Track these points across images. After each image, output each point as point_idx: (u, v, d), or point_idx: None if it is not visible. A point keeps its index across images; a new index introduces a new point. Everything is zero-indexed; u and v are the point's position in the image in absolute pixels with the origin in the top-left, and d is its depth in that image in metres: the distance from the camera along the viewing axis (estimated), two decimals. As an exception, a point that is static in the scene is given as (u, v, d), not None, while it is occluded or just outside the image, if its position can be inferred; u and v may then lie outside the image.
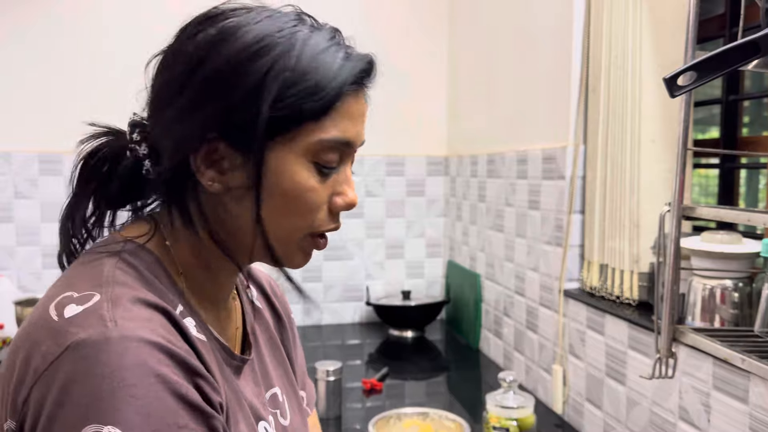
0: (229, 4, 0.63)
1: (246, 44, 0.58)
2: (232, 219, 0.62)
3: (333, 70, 0.59)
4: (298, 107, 0.58)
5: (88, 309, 0.52)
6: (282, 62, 0.58)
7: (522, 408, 1.32)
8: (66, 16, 2.20)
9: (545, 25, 1.66)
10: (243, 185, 0.59)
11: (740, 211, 0.90)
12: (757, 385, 0.97)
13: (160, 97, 0.62)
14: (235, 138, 0.58)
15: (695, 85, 0.77)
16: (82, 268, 0.58)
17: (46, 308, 0.53)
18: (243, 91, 0.57)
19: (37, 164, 2.21)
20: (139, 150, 0.62)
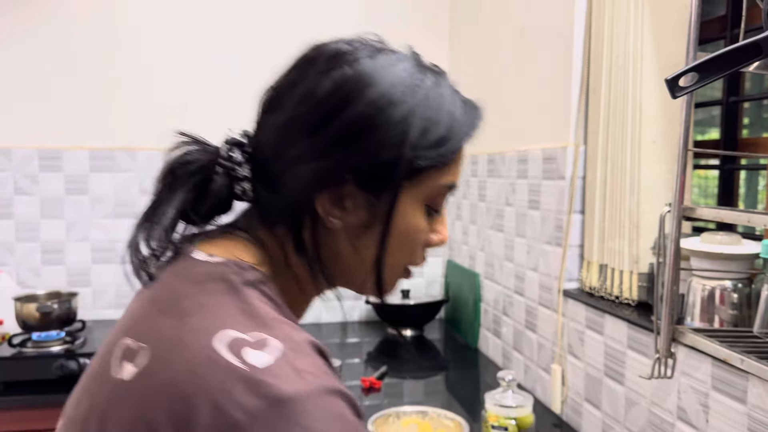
0: (356, 42, 0.64)
1: (385, 90, 0.60)
2: (344, 253, 0.64)
3: (458, 119, 0.63)
4: (431, 155, 0.61)
5: (278, 359, 0.51)
6: (418, 110, 0.60)
7: (521, 407, 1.33)
8: (65, 13, 2.20)
9: (546, 26, 1.66)
10: (362, 224, 0.62)
11: (740, 212, 0.90)
12: (756, 386, 0.97)
13: (287, 130, 0.62)
14: (366, 180, 0.60)
15: (697, 87, 0.77)
16: (224, 300, 0.56)
17: (209, 347, 0.51)
18: (382, 137, 0.59)
19: (36, 160, 2.21)
20: (239, 171, 0.63)
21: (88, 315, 2.21)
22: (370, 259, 0.63)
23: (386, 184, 0.60)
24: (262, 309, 0.56)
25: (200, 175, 0.63)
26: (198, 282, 0.58)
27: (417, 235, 0.65)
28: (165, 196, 0.63)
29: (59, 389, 1.77)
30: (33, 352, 1.82)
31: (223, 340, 0.51)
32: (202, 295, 0.56)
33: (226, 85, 2.30)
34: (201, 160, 0.63)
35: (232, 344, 0.51)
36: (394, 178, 0.60)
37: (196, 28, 2.28)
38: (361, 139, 0.59)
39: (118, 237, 2.27)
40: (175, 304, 0.56)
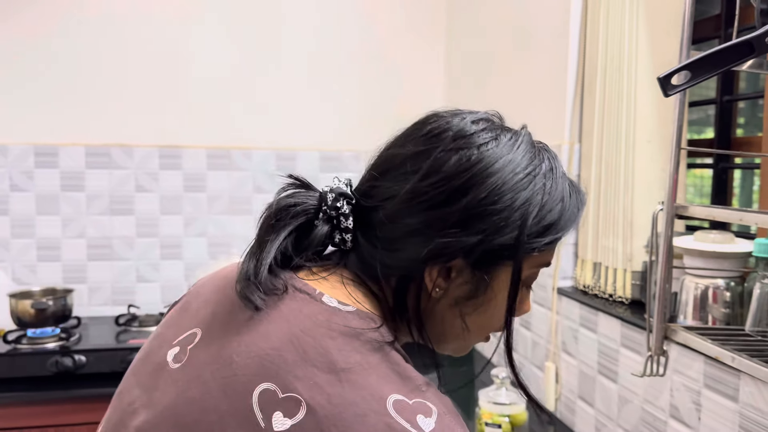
0: (481, 122, 0.67)
1: (506, 178, 0.62)
2: (438, 319, 0.67)
3: (566, 208, 0.65)
4: (542, 240, 0.64)
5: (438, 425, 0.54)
6: (535, 198, 0.63)
7: (514, 404, 1.33)
8: (62, 9, 2.19)
9: (542, 25, 1.66)
10: (464, 296, 0.65)
11: (732, 210, 0.91)
12: (748, 384, 0.98)
13: (406, 200, 0.63)
14: (477, 259, 0.62)
15: (689, 85, 0.78)
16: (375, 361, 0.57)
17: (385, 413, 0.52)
18: (499, 222, 0.61)
19: (32, 157, 2.20)
20: (344, 221, 0.65)
21: (83, 312, 2.21)
22: (471, 328, 0.67)
23: (496, 263, 0.64)
24: (410, 371, 0.58)
25: (303, 218, 0.65)
26: (343, 334, 0.57)
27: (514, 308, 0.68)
28: (268, 236, 0.64)
29: (54, 386, 1.77)
30: (28, 348, 1.82)
31: (392, 405, 0.53)
32: (354, 352, 0.56)
33: (223, 82, 2.30)
34: (306, 204, 0.66)
35: (399, 408, 0.53)
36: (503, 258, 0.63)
37: (193, 25, 2.28)
38: (480, 222, 0.61)
39: (114, 234, 2.27)
40: (324, 356, 0.55)
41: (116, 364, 1.81)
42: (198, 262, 2.28)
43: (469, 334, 0.68)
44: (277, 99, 2.33)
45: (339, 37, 2.36)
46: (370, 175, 0.67)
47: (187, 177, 2.30)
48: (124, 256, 2.28)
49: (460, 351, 0.73)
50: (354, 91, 2.38)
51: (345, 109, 2.38)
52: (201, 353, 0.60)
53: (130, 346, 1.85)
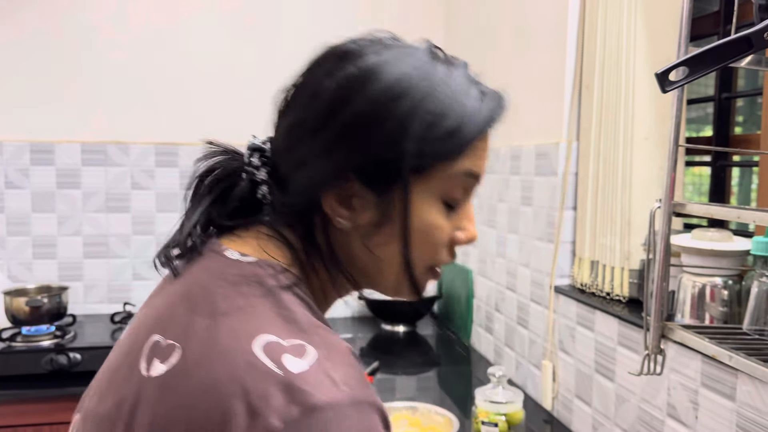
0: (365, 40, 0.63)
1: (387, 86, 0.58)
2: (359, 254, 0.63)
3: (471, 110, 0.60)
4: (437, 149, 0.59)
5: (314, 366, 0.51)
6: (423, 104, 0.58)
7: (511, 403, 1.32)
8: (58, 7, 2.18)
9: (540, 22, 1.65)
10: (371, 223, 0.61)
11: (730, 208, 0.90)
12: (745, 383, 0.97)
13: (293, 132, 0.62)
14: (371, 178, 0.59)
15: (687, 81, 0.77)
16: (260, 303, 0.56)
17: (248, 351, 0.51)
18: (385, 133, 0.58)
19: (28, 154, 2.19)
20: (257, 174, 0.63)
21: (79, 309, 2.20)
22: (390, 259, 0.62)
23: (392, 181, 0.59)
24: (299, 313, 0.56)
25: (227, 181, 0.65)
26: (233, 283, 0.57)
27: (435, 232, 0.62)
28: (195, 205, 0.64)
29: (49, 384, 1.76)
30: (22, 346, 1.81)
31: (262, 345, 0.51)
32: (238, 297, 0.56)
33: (220, 79, 2.29)
34: (228, 167, 0.65)
35: (269, 349, 0.51)
36: (400, 174, 0.59)
37: (190, 22, 2.27)
38: (362, 137, 0.58)
39: (110, 231, 2.26)
40: (210, 303, 0.56)
41: (111, 362, 1.80)
42: (194, 259, 2.27)
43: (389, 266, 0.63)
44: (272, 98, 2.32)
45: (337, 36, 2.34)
46: (274, 121, 0.66)
47: (183, 174, 2.29)
48: (120, 253, 2.27)
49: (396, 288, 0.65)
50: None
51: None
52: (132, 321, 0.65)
53: (125, 344, 1.84)
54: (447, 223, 0.63)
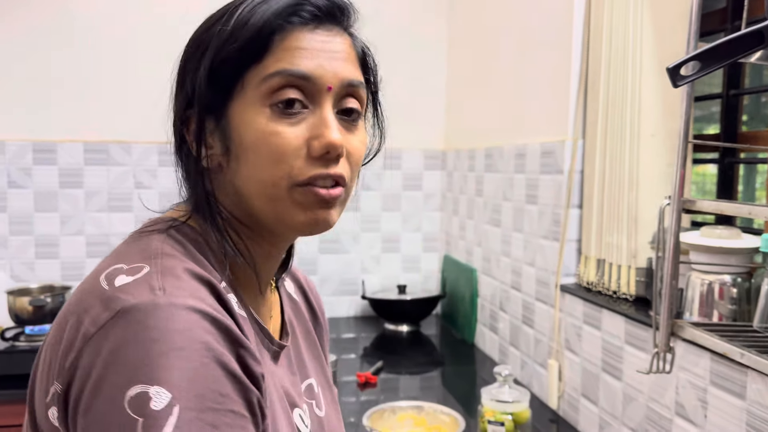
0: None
1: (202, 26, 0.65)
2: (230, 189, 0.63)
3: (261, 11, 0.60)
4: (235, 55, 0.59)
5: (138, 279, 0.54)
6: (220, 23, 0.61)
7: (517, 402, 1.32)
8: (59, 7, 2.18)
9: (545, 18, 1.65)
10: (222, 153, 0.61)
11: (741, 204, 0.89)
12: (755, 381, 0.96)
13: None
14: (200, 108, 0.61)
15: (698, 75, 0.76)
16: (131, 245, 0.60)
17: (96, 279, 0.56)
18: (195, 60, 0.62)
19: (31, 153, 2.19)
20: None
21: (82, 309, 2.19)
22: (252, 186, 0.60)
23: (217, 104, 0.61)
24: (154, 246, 0.58)
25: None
26: (126, 239, 0.63)
27: (270, 140, 0.58)
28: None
29: (52, 383, 1.76)
30: (26, 345, 1.81)
31: (107, 272, 0.56)
32: (119, 246, 0.62)
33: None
34: None
35: (109, 273, 0.56)
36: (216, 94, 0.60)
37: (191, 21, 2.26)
38: (186, 71, 0.63)
39: (112, 231, 2.26)
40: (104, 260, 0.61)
41: (115, 362, 1.79)
42: (197, 259, 2.26)
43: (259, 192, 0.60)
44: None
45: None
46: None
47: (186, 174, 2.28)
48: (123, 253, 2.26)
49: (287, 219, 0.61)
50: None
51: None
52: None
53: (128, 344, 1.84)
54: (289, 130, 0.59)
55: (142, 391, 0.48)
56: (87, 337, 0.51)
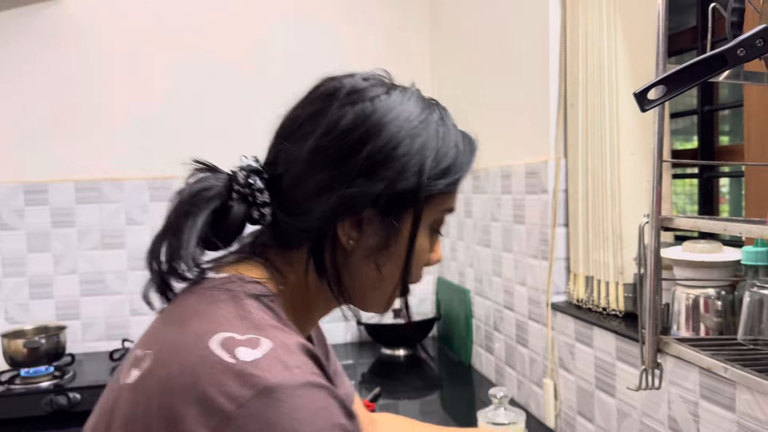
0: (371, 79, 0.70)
1: (401, 126, 0.66)
2: (358, 272, 0.69)
3: (461, 152, 0.70)
4: (441, 184, 0.68)
5: (267, 354, 0.54)
6: (430, 143, 0.67)
7: (513, 424, 1.32)
8: (49, 45, 2.20)
9: (523, 43, 1.68)
10: (375, 245, 0.68)
11: (718, 220, 0.91)
12: (744, 393, 0.97)
13: (310, 160, 0.66)
14: (384, 206, 0.66)
15: (665, 99, 0.78)
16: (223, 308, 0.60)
17: (204, 346, 0.55)
18: (401, 167, 0.65)
19: (22, 195, 2.20)
20: (259, 197, 0.66)
21: (77, 348, 2.19)
22: (386, 278, 0.69)
23: (401, 209, 0.67)
24: (258, 315, 0.60)
25: (217, 201, 0.67)
26: (201, 294, 0.63)
27: (422, 255, 0.71)
28: (184, 223, 0.65)
29: (50, 425, 1.75)
30: (21, 388, 1.80)
31: (217, 340, 0.55)
32: (203, 304, 0.61)
33: (210, 113, 2.31)
34: (217, 186, 0.67)
35: (224, 343, 0.55)
36: (415, 204, 0.67)
37: (180, 59, 2.29)
38: (382, 170, 0.65)
39: (106, 268, 2.26)
40: (179, 313, 0.62)
41: (112, 401, 1.79)
42: (192, 292, 2.27)
43: (385, 283, 0.70)
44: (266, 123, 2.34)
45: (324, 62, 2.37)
46: (274, 142, 0.70)
47: (177, 208, 2.29)
48: (117, 290, 2.27)
49: (380, 304, 0.73)
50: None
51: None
52: None
53: (125, 382, 1.83)
54: (430, 247, 0.73)
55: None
56: (226, 414, 0.50)
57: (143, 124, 2.27)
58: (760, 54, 0.73)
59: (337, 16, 2.40)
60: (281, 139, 0.69)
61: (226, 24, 2.32)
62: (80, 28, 2.22)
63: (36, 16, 2.19)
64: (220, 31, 2.32)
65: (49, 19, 2.20)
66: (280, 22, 2.34)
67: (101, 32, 2.24)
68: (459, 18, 2.17)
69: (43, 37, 2.20)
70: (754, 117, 1.10)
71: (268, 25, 2.34)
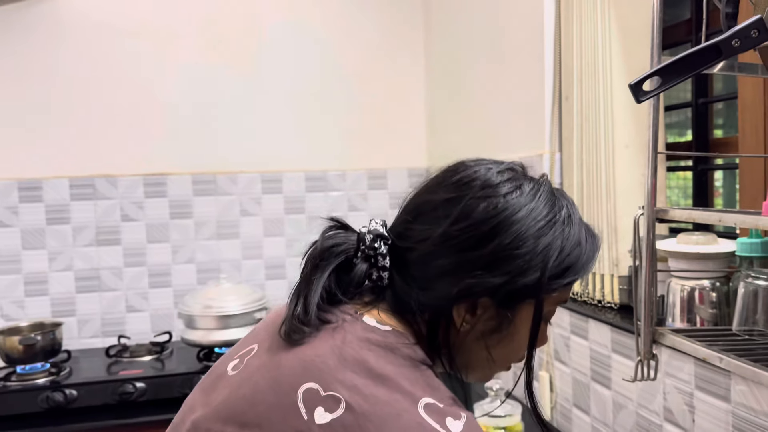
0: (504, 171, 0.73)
1: (529, 225, 0.68)
2: (466, 351, 0.72)
3: (586, 251, 0.72)
4: (561, 281, 0.69)
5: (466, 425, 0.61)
6: (555, 243, 0.69)
7: (509, 416, 1.33)
8: (41, 42, 2.19)
9: (517, 36, 1.68)
10: (489, 330, 0.70)
11: (712, 212, 0.91)
12: (739, 384, 0.98)
13: (438, 243, 0.69)
14: (501, 297, 0.68)
15: (660, 90, 0.78)
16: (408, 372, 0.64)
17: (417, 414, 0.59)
18: (523, 265, 0.67)
19: (16, 191, 2.19)
20: (381, 261, 0.71)
21: (73, 345, 2.18)
22: (497, 359, 0.73)
23: (519, 301, 0.69)
24: (440, 385, 0.65)
25: (344, 257, 0.72)
26: (378, 347, 0.65)
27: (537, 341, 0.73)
28: (314, 275, 0.70)
29: (46, 422, 1.75)
30: (17, 385, 1.80)
31: (425, 408, 0.60)
32: (388, 364, 0.64)
33: (205, 108, 2.30)
34: (347, 244, 0.72)
35: (433, 412, 0.60)
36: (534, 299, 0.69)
37: (175, 53, 2.28)
38: (505, 265, 0.67)
39: (101, 264, 2.26)
40: (362, 363, 0.63)
41: (108, 397, 1.79)
42: (187, 288, 2.27)
43: (494, 364, 0.74)
44: (259, 122, 2.34)
45: (318, 59, 2.37)
46: (404, 218, 0.74)
47: (173, 204, 2.29)
48: (113, 286, 2.26)
49: (485, 379, 0.79)
50: (335, 111, 2.39)
51: (327, 129, 2.39)
52: (255, 361, 0.68)
53: (121, 378, 1.83)
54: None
55: None
56: None
57: (137, 120, 2.26)
58: (755, 45, 0.74)
59: (331, 10, 2.39)
60: (411, 216, 0.73)
61: (220, 22, 2.31)
62: (75, 24, 2.21)
63: (30, 12, 2.18)
64: (215, 29, 2.31)
65: (43, 15, 2.19)
66: (275, 20, 2.34)
67: (95, 28, 2.23)
68: (453, 12, 2.17)
69: (36, 33, 2.19)
70: (749, 109, 1.11)
71: (263, 24, 2.34)
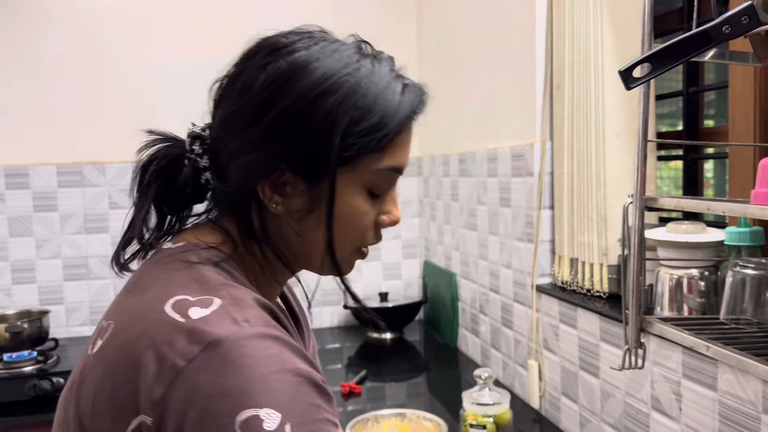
0: (295, 35, 0.66)
1: (316, 81, 0.62)
2: (291, 237, 0.67)
3: (394, 106, 0.64)
4: (363, 142, 0.63)
5: (216, 311, 0.56)
6: (350, 99, 0.62)
7: (498, 404, 1.33)
8: (29, 28, 2.16)
9: (509, 25, 1.67)
10: (303, 208, 0.65)
11: (701, 200, 0.91)
12: (726, 372, 0.98)
13: (228, 123, 0.65)
14: (302, 168, 0.63)
15: (650, 77, 0.78)
16: (179, 274, 0.61)
17: (159, 310, 0.56)
18: (314, 126, 0.61)
19: (3, 178, 2.17)
20: (200, 162, 0.66)
21: (61, 333, 2.17)
22: (318, 241, 0.67)
23: (321, 170, 0.63)
24: (212, 277, 0.60)
25: (170, 168, 0.67)
26: (159, 264, 0.64)
27: (360, 217, 0.67)
28: (142, 194, 0.68)
29: (33, 410, 1.74)
30: (4, 373, 1.79)
31: (172, 303, 0.57)
32: (161, 273, 0.62)
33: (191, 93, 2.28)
34: (170, 154, 0.68)
35: (177, 305, 0.57)
36: (327, 166, 0.62)
37: (162, 39, 2.26)
38: (293, 130, 0.62)
39: (89, 252, 2.24)
40: (139, 283, 0.63)
41: (96, 385, 1.78)
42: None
43: (315, 247, 0.67)
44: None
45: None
46: (211, 110, 0.69)
47: (162, 191, 2.27)
48: (101, 274, 2.25)
49: (326, 269, 0.70)
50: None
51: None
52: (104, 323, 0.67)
53: (109, 366, 1.82)
54: (371, 208, 0.68)
55: (252, 414, 0.51)
56: (177, 370, 0.52)
57: (125, 107, 2.23)
58: (746, 31, 0.73)
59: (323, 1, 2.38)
60: (213, 104, 0.69)
61: (210, 15, 2.29)
62: (63, 12, 2.18)
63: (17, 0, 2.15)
64: (205, 21, 2.28)
65: (29, 2, 2.16)
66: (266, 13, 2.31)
67: (84, 16, 2.20)
68: (445, 1, 2.15)
69: (23, 20, 2.15)
70: (739, 97, 1.10)
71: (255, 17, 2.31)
